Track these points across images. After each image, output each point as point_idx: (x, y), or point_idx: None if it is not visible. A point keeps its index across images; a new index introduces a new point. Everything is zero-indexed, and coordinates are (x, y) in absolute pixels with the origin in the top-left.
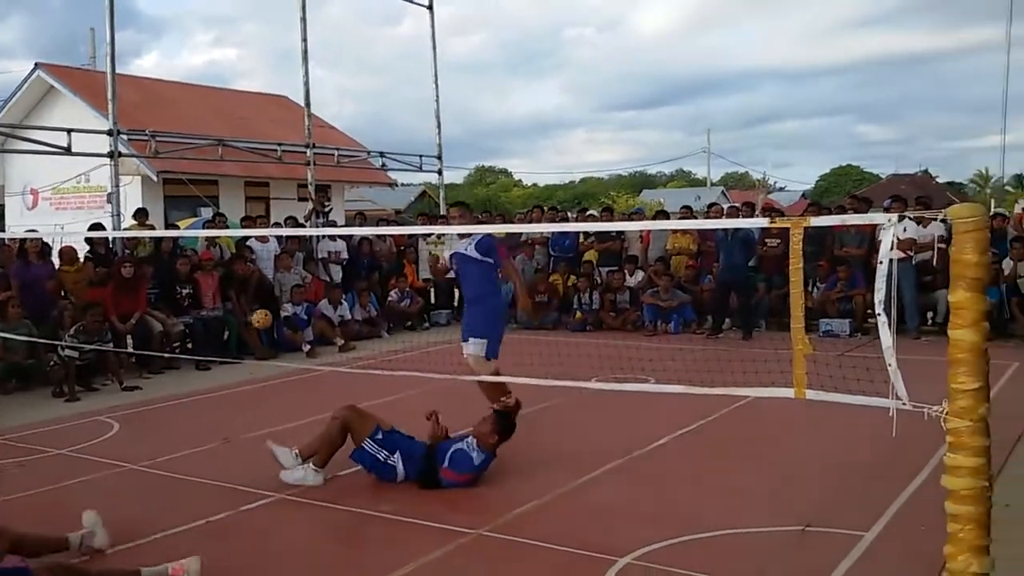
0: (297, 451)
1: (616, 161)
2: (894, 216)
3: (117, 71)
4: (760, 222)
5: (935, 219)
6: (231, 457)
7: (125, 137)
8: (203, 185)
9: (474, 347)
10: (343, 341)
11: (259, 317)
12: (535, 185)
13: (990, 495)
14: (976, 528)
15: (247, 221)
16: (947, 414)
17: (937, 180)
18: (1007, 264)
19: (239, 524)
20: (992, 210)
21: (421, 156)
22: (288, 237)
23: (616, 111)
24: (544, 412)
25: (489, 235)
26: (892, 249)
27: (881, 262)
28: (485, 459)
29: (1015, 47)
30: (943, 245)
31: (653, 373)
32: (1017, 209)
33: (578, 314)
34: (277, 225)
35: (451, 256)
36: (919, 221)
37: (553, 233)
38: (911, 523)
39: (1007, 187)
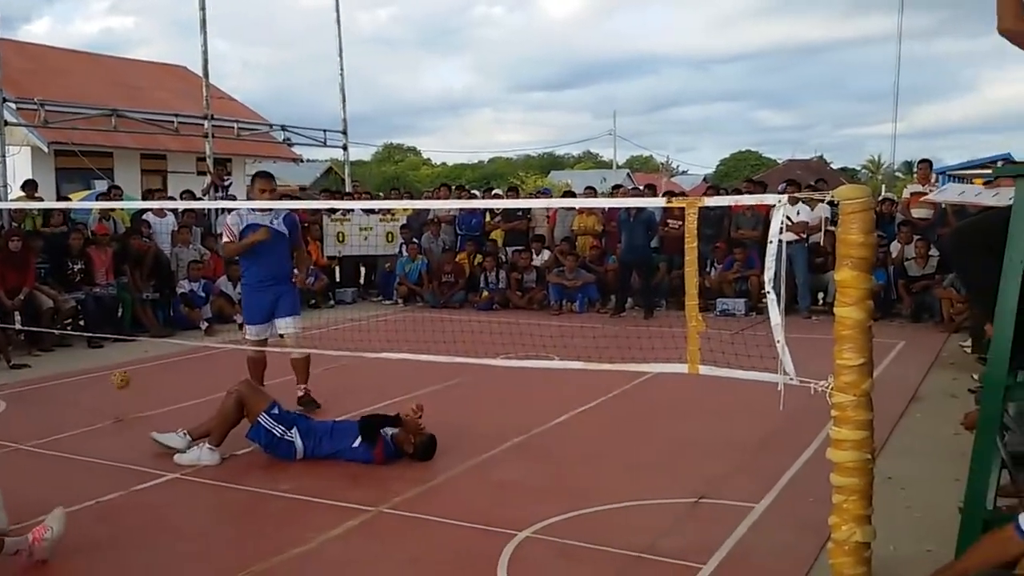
0: (185, 431)
1: (525, 142)
2: (783, 197)
3: (4, 36)
4: (658, 202)
5: (823, 201)
6: (123, 437)
7: (13, 106)
8: (97, 157)
9: (297, 324)
10: (242, 319)
11: (119, 379)
12: (444, 164)
13: (872, 467)
14: (859, 499)
15: (150, 194)
16: (832, 389)
17: (832, 166)
18: (895, 247)
19: (131, 504)
20: (882, 195)
21: (325, 131)
22: (186, 211)
23: (525, 92)
24: (449, 390)
25: (293, 212)
26: (782, 230)
27: (771, 242)
28: (392, 455)
29: (906, 38)
30: (832, 227)
31: (557, 351)
32: (906, 194)
33: (484, 293)
34: (174, 199)
35: (247, 227)
36: (811, 204)
37: (460, 212)
38: (800, 494)
39: (897, 173)
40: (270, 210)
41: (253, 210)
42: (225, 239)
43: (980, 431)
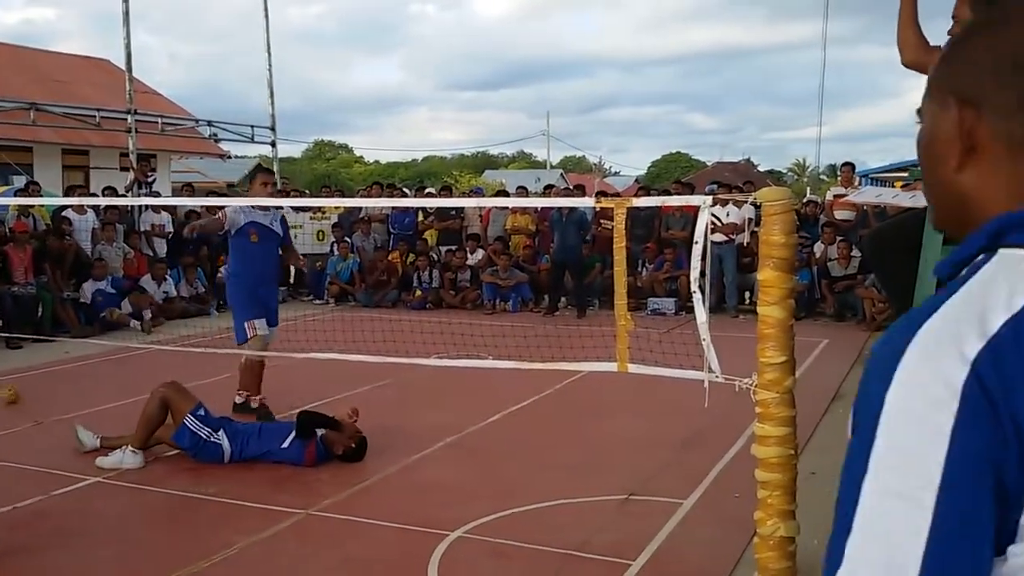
0: (100, 437)
1: (458, 141)
2: (708, 199)
3: None
4: (587, 202)
5: (747, 202)
6: (42, 440)
7: None
8: (15, 152)
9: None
10: (150, 316)
11: (7, 394)
12: (377, 162)
13: (796, 463)
14: (783, 494)
15: (72, 191)
16: (756, 386)
17: (759, 168)
18: (818, 247)
19: (50, 509)
20: (807, 197)
21: (253, 127)
22: (107, 208)
23: (459, 90)
24: (381, 390)
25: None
26: (708, 231)
27: (696, 242)
28: (322, 457)
29: (830, 44)
30: (756, 228)
31: (490, 350)
32: (829, 196)
33: (417, 292)
34: (97, 196)
35: (249, 223)
36: (739, 205)
37: (393, 211)
38: (726, 490)
39: (822, 176)
40: (274, 209)
41: (254, 207)
42: (215, 216)
43: None
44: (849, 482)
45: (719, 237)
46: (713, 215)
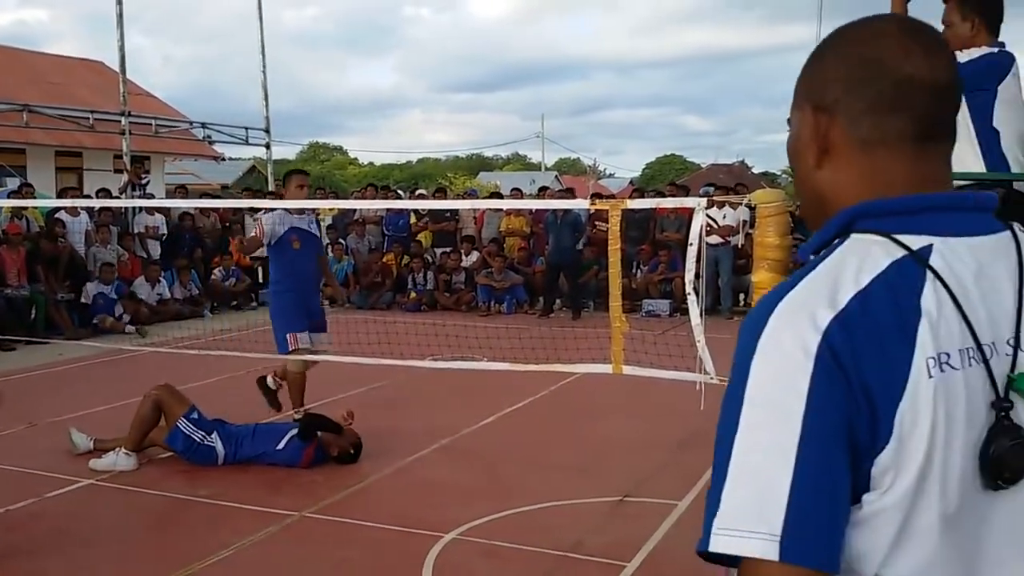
0: (93, 440)
1: (453, 143)
2: (702, 201)
3: None
4: (581, 203)
5: (741, 205)
6: (36, 442)
7: None
8: (8, 154)
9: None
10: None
11: None
12: (371, 164)
13: None
14: None
15: (66, 193)
16: None
17: (753, 170)
18: None
19: (44, 512)
20: None
21: (247, 129)
22: (101, 210)
23: (453, 93)
24: (376, 392)
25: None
26: (702, 233)
27: (691, 244)
28: (319, 459)
29: None
30: (751, 231)
31: (485, 352)
32: None
33: (412, 294)
34: (90, 198)
35: (289, 230)
36: (734, 207)
37: (387, 212)
38: None
39: None
40: (309, 211)
41: (288, 210)
42: (251, 234)
43: None
44: (723, 436)
45: (715, 239)
46: (709, 217)
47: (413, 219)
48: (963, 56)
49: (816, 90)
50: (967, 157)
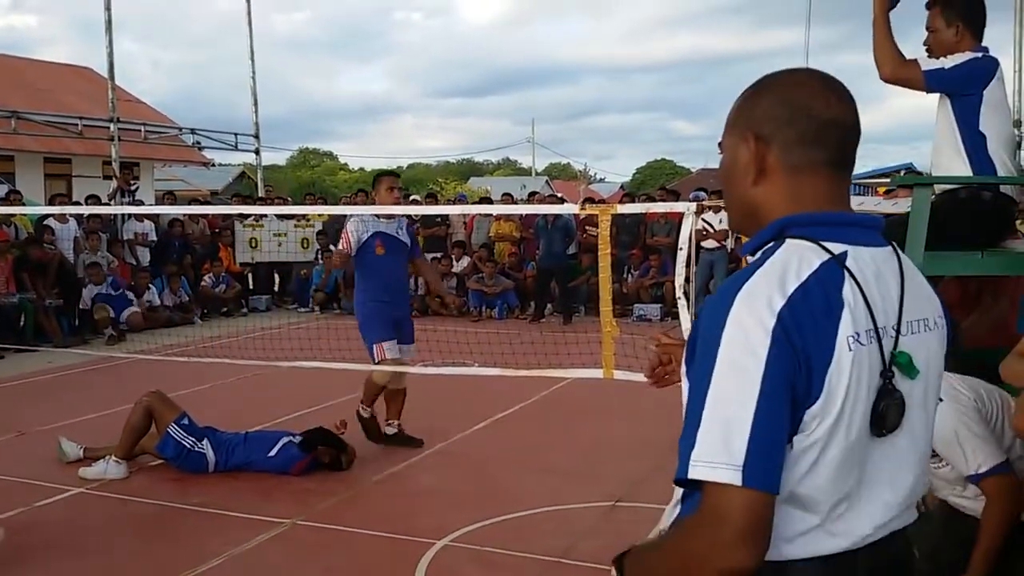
0: (83, 448)
1: (444, 148)
2: (692, 205)
3: None
4: (571, 208)
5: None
6: (26, 451)
7: None
8: None
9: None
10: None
11: None
12: (362, 169)
13: None
14: None
15: (56, 200)
16: None
17: None
18: None
19: (34, 521)
20: None
21: (237, 135)
22: (90, 217)
23: (444, 97)
24: None
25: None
26: (692, 237)
27: (681, 248)
28: (311, 467)
29: (813, 51)
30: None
31: (477, 357)
32: None
33: None
34: (80, 204)
35: (373, 235)
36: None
37: None
38: None
39: None
40: (399, 216)
41: (378, 216)
42: (339, 246)
43: None
44: (697, 392)
45: (711, 244)
46: (705, 221)
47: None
48: (948, 61)
49: (756, 123)
50: (953, 163)
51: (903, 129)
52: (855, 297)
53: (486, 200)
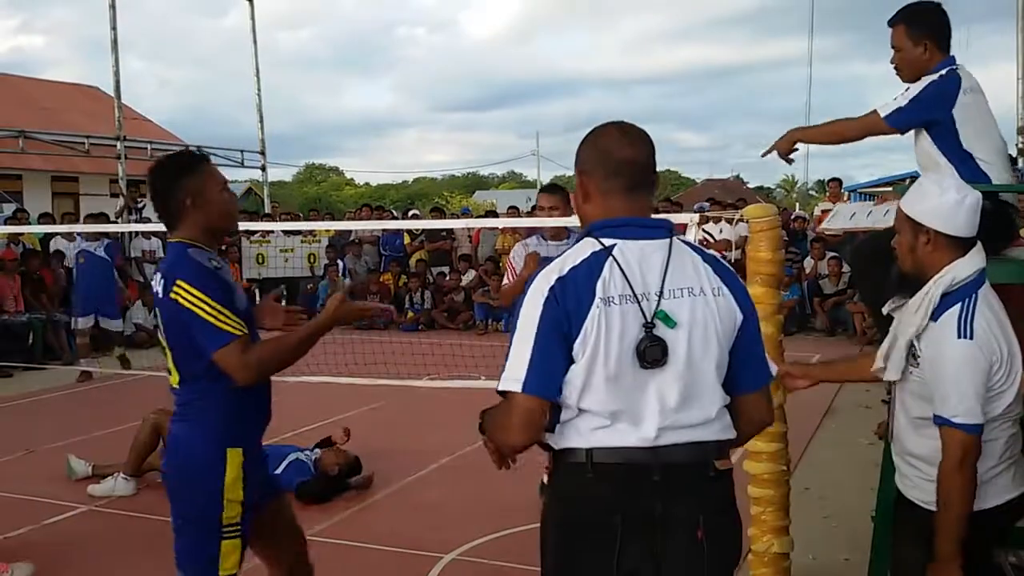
0: (92, 465)
1: (449, 162)
2: (695, 216)
3: None
4: (575, 221)
5: (733, 220)
6: (34, 468)
7: None
8: (4, 180)
9: None
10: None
11: None
12: (367, 184)
13: (789, 479)
14: (776, 510)
15: (67, 218)
16: None
17: (748, 185)
18: (808, 263)
19: (42, 538)
20: (796, 213)
21: (243, 151)
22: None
23: (448, 112)
24: (374, 412)
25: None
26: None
27: None
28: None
29: (817, 61)
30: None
31: (483, 370)
32: (817, 212)
33: (410, 314)
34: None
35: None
36: (731, 222)
37: (384, 232)
38: None
39: (811, 191)
40: (569, 232)
41: (545, 237)
42: (504, 281)
43: (888, 441)
44: (512, 335)
45: (712, 254)
46: (706, 232)
47: (407, 239)
48: (904, 97)
49: (580, 163)
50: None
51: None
52: (611, 273)
53: (491, 213)
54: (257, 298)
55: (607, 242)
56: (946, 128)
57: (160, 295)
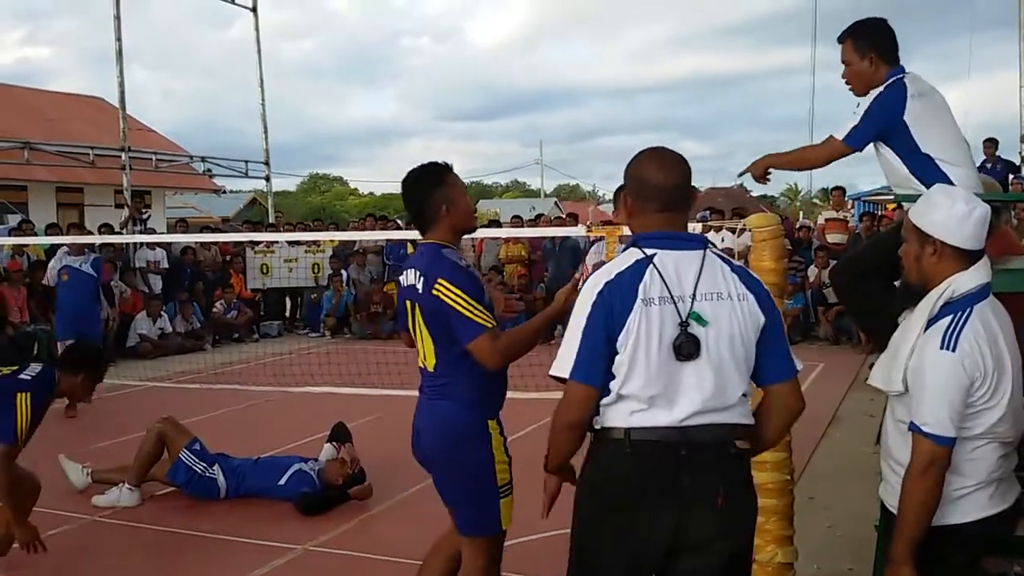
0: (90, 469)
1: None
2: (698, 225)
3: None
4: (578, 231)
5: (735, 229)
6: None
7: None
8: (9, 191)
9: None
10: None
11: None
12: (372, 194)
13: (793, 488)
14: (781, 520)
15: (72, 230)
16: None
17: (751, 194)
18: (812, 271)
19: (47, 550)
20: (800, 222)
21: (247, 162)
22: (102, 246)
23: (452, 121)
24: (379, 422)
25: None
26: None
27: None
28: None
29: (820, 69)
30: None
31: None
32: (821, 220)
33: None
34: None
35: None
36: (733, 231)
37: (388, 242)
38: None
39: (815, 200)
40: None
41: (598, 242)
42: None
43: None
44: (566, 331)
45: (740, 265)
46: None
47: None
48: (856, 116)
49: (625, 184)
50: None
51: None
52: (652, 278)
53: (495, 223)
54: (262, 307)
55: (649, 251)
56: (901, 135)
57: (420, 291)
